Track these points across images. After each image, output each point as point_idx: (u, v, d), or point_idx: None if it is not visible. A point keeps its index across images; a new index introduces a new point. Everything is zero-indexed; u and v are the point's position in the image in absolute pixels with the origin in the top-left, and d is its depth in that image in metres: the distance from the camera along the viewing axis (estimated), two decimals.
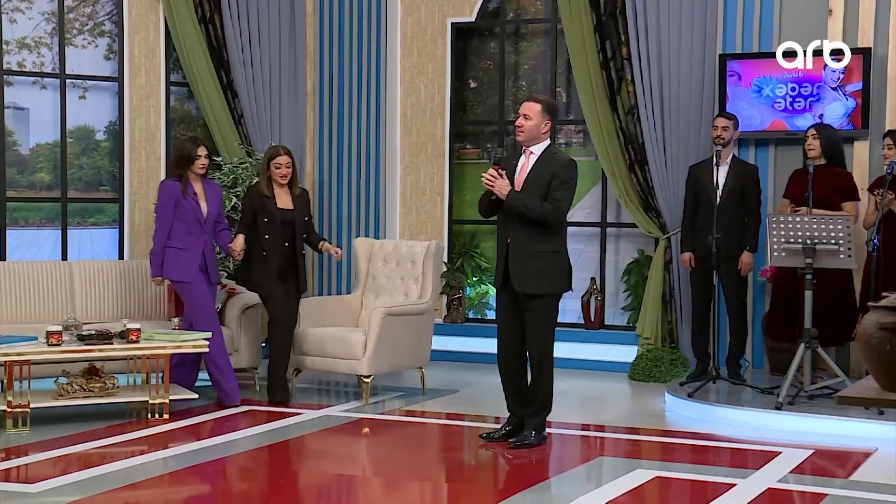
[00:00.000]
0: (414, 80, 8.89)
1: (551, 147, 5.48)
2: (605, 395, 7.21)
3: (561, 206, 5.33)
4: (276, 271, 6.60)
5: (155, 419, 6.11)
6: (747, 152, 7.73)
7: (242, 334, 7.03)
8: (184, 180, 6.47)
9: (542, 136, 5.44)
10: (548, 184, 5.35)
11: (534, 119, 5.42)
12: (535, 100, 5.47)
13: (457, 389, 7.26)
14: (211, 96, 8.25)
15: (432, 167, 8.87)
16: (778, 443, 5.68)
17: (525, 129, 5.43)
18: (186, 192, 6.43)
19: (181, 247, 6.43)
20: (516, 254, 5.41)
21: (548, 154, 5.43)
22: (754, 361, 7.68)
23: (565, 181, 5.36)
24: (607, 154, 7.93)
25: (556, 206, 5.32)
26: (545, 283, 5.38)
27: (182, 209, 6.41)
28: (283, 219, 6.63)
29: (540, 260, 5.37)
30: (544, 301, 5.40)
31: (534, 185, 5.39)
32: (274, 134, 8.55)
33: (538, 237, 5.37)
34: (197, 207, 6.45)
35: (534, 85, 8.82)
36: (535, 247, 5.38)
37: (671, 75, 7.70)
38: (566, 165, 5.40)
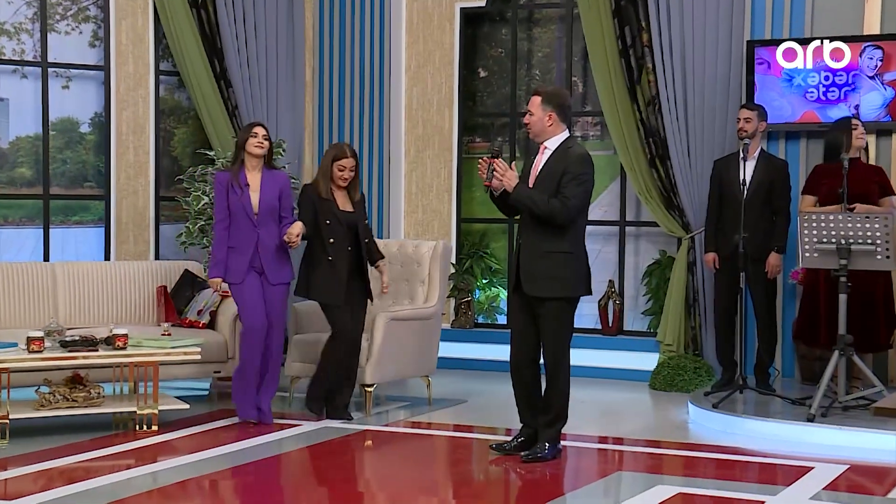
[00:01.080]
0: (420, 70, 8.87)
1: (568, 141, 5.46)
2: (624, 405, 7.19)
3: (569, 203, 5.29)
4: (342, 278, 6.34)
5: (143, 431, 6.11)
6: (777, 146, 7.70)
7: (236, 340, 7.01)
8: (235, 168, 6.19)
9: (551, 129, 5.44)
10: (559, 179, 5.35)
11: (536, 113, 5.43)
12: (536, 92, 5.49)
13: (465, 399, 7.26)
14: (203, 86, 8.25)
15: (439, 162, 8.85)
16: (810, 457, 5.66)
17: (530, 124, 5.47)
18: (237, 182, 6.14)
19: (232, 244, 6.18)
20: (526, 254, 5.43)
21: (562, 148, 5.43)
22: (784, 370, 7.66)
23: (577, 177, 5.33)
24: (626, 148, 7.91)
25: (563, 204, 5.29)
26: (555, 286, 5.37)
27: (232, 202, 6.15)
28: (348, 222, 6.39)
29: (550, 261, 5.37)
30: (556, 305, 5.40)
31: (546, 181, 5.40)
32: (271, 126, 8.54)
33: (548, 237, 5.37)
34: (246, 200, 6.13)
35: (548, 74, 8.80)
36: (545, 247, 5.38)
37: (695, 63, 7.68)
38: (579, 160, 5.37)
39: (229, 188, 6.14)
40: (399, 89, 8.87)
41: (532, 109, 5.44)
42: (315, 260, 6.37)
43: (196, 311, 7.17)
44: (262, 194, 6.17)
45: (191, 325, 7.14)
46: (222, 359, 6.97)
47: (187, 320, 7.17)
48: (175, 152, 8.64)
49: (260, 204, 6.16)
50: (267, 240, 6.18)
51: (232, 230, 6.17)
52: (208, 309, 7.14)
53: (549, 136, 5.45)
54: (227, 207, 6.15)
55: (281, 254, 6.26)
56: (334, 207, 6.37)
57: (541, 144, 5.50)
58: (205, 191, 7.73)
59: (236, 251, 6.17)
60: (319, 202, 6.36)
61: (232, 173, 6.17)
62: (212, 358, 6.89)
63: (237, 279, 6.16)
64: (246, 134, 6.19)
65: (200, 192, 7.73)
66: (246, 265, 6.14)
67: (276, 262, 6.22)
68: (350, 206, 6.43)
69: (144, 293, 7.42)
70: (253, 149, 6.18)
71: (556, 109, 5.42)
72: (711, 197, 7.21)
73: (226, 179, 6.16)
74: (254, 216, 6.14)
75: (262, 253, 6.17)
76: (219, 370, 7.00)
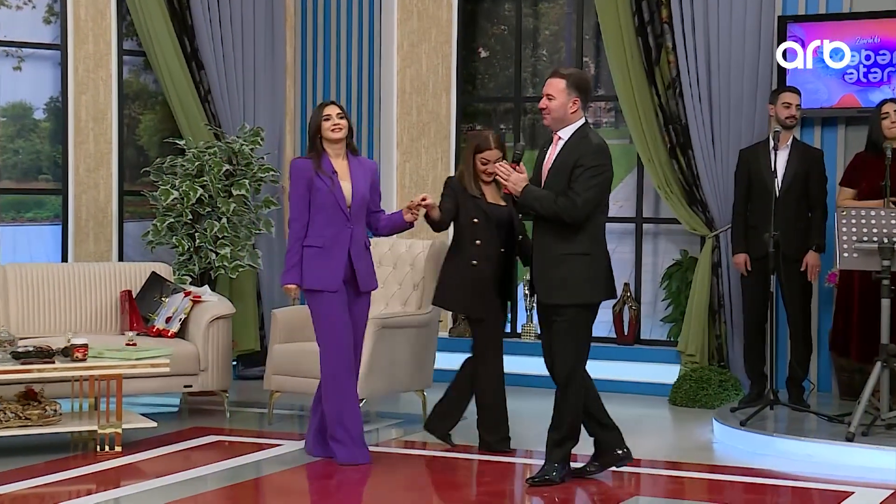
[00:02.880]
0: (414, 49, 8.86)
1: (582, 129, 5.44)
2: (642, 422, 7.18)
3: (578, 200, 5.27)
4: (490, 287, 6.07)
5: (105, 452, 6.09)
6: (812, 134, 7.70)
7: (210, 350, 7.01)
8: (315, 155, 5.82)
9: (572, 116, 5.41)
10: (570, 174, 5.34)
11: (558, 98, 5.39)
12: (559, 75, 5.44)
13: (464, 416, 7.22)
14: (172, 68, 8.24)
15: (435, 152, 8.84)
16: (849, 481, 5.65)
17: (549, 110, 5.41)
18: (321, 169, 5.76)
19: (318, 244, 5.76)
20: (539, 259, 5.45)
21: (576, 138, 5.41)
22: (820, 383, 7.65)
23: (589, 169, 5.30)
24: (644, 136, 7.90)
25: (572, 201, 5.28)
26: (566, 292, 5.37)
27: (317, 193, 5.72)
28: (499, 219, 6.10)
29: (564, 265, 5.37)
30: (569, 312, 5.39)
31: (558, 175, 5.39)
32: (247, 112, 8.54)
33: (562, 238, 5.37)
34: (337, 190, 5.73)
35: (556, 54, 8.78)
36: (559, 249, 5.38)
37: (720, 42, 7.68)
38: (593, 151, 5.35)
39: (313, 178, 5.73)
40: (390, 71, 8.86)
41: (553, 93, 5.39)
42: (457, 264, 6.11)
43: (164, 318, 7.16)
44: (353, 184, 5.77)
45: (159, 333, 7.12)
46: (193, 371, 6.96)
47: (155, 329, 7.15)
48: (141, 141, 8.62)
49: (353, 195, 5.77)
50: (359, 238, 5.81)
51: (315, 227, 5.75)
52: (178, 316, 7.13)
53: (566, 125, 5.43)
54: (307, 201, 5.74)
55: (369, 256, 5.91)
56: (483, 203, 6.08)
57: (554, 134, 5.49)
58: (174, 184, 7.73)
59: (325, 253, 5.74)
60: (464, 197, 6.08)
61: (313, 161, 5.77)
62: (182, 370, 6.88)
63: (333, 286, 5.73)
64: (318, 117, 5.80)
65: (169, 186, 7.73)
66: (341, 270, 5.74)
67: (368, 267, 5.86)
68: (501, 198, 6.12)
69: (106, 298, 7.40)
70: (330, 133, 5.77)
71: (581, 95, 5.40)
72: (739, 191, 7.19)
73: (307, 167, 5.75)
74: (347, 209, 5.75)
75: (354, 256, 5.77)
76: (190, 384, 6.99)
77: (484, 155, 6.08)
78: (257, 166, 8.04)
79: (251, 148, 8.01)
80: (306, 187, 5.75)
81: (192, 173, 7.84)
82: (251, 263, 7.95)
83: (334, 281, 5.74)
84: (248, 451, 6.17)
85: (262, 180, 8.10)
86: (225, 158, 7.96)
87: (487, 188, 6.15)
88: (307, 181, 5.75)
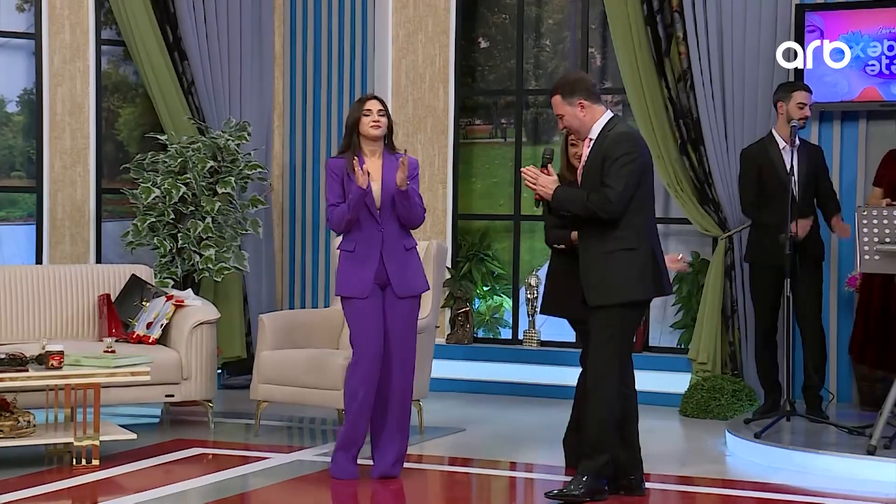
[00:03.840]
0: (410, 39, 8.86)
1: (609, 123, 5.48)
2: (651, 434, 7.16)
3: (610, 193, 5.29)
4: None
5: (81, 466, 6.07)
6: (830, 129, 7.72)
7: (193, 358, 7.01)
8: (350, 155, 5.77)
9: (590, 117, 5.47)
10: (601, 170, 5.38)
11: (565, 112, 5.47)
12: (553, 91, 5.53)
13: (463, 428, 7.25)
14: (153, 58, 8.24)
15: (432, 148, 8.84)
16: (870, 497, 5.64)
17: (568, 126, 5.52)
18: (354, 169, 5.68)
19: (349, 248, 5.76)
20: (582, 261, 5.47)
21: (602, 136, 5.47)
22: (840, 393, 7.66)
23: (617, 160, 5.33)
24: (653, 131, 7.91)
25: (604, 196, 5.30)
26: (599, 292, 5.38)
27: (349, 192, 5.70)
28: None
29: (604, 264, 5.37)
30: (605, 313, 5.38)
31: (590, 174, 5.44)
32: (233, 106, 8.54)
33: (603, 234, 5.37)
34: (366, 192, 5.70)
35: (560, 45, 8.78)
36: (599, 247, 5.38)
37: (734, 31, 7.68)
38: (617, 140, 5.38)
39: (345, 179, 5.72)
40: (385, 62, 8.86)
41: (559, 111, 5.47)
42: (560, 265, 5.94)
43: (145, 323, 7.15)
44: (384, 184, 5.74)
45: (139, 340, 7.11)
46: (176, 380, 6.95)
47: (135, 334, 7.15)
48: (120, 136, 8.62)
49: (382, 196, 5.73)
50: (392, 241, 5.77)
51: (353, 230, 5.75)
52: (160, 321, 7.12)
53: (592, 125, 5.47)
54: (342, 196, 5.73)
55: (409, 258, 5.84)
56: None
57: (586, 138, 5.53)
58: (155, 181, 7.72)
59: (355, 257, 5.75)
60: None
61: (347, 160, 5.74)
62: (164, 379, 6.87)
63: (362, 292, 5.72)
64: (357, 112, 5.77)
65: (150, 184, 7.73)
66: (372, 276, 5.71)
67: (404, 269, 5.80)
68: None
69: (84, 302, 7.38)
70: (369, 130, 5.75)
71: (581, 95, 5.44)
72: (749, 192, 7.08)
73: (340, 168, 5.75)
74: (376, 212, 5.73)
75: (386, 259, 5.75)
76: (172, 394, 6.97)
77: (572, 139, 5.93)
78: (244, 163, 8.03)
79: (237, 143, 8.01)
80: (339, 187, 5.75)
81: (175, 170, 7.83)
82: (237, 266, 7.94)
83: (363, 286, 5.72)
84: (234, 465, 6.16)
85: (249, 178, 8.09)
86: (209, 154, 7.94)
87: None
88: (340, 181, 5.75)
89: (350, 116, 5.81)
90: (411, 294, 5.81)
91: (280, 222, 9.10)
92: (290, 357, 6.82)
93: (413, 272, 5.82)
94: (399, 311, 5.79)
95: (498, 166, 8.95)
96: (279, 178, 9.05)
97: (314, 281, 8.93)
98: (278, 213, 9.07)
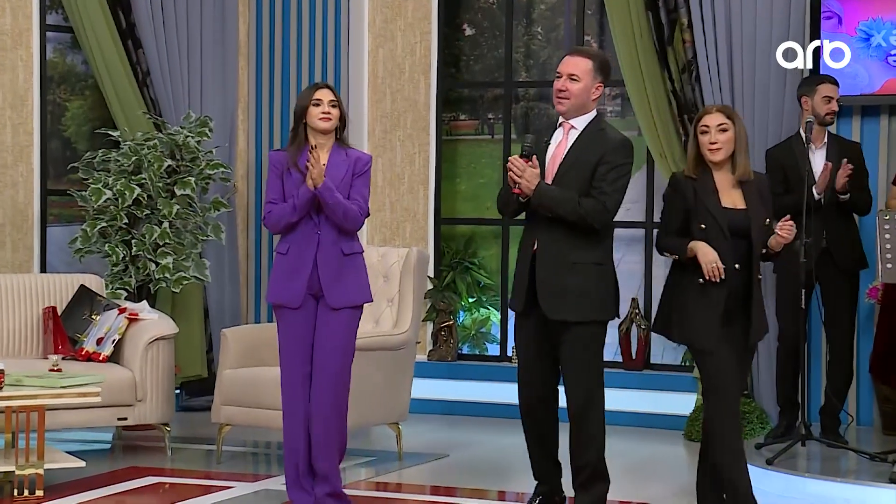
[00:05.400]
0: (388, 26, 8.86)
1: (598, 120, 5.53)
2: (654, 460, 7.18)
3: (608, 201, 5.35)
4: (719, 312, 5.33)
5: (24, 497, 6.04)
6: (849, 125, 7.73)
7: (149, 377, 6.99)
8: (293, 149, 5.69)
9: (592, 104, 5.50)
10: (592, 171, 5.38)
11: (583, 80, 5.44)
12: (584, 54, 5.54)
13: (446, 454, 7.25)
14: (105, 46, 8.22)
15: (412, 146, 8.83)
16: None
17: (571, 94, 5.45)
18: (295, 165, 5.64)
19: (282, 251, 5.68)
20: (548, 266, 5.44)
21: (594, 130, 5.48)
22: (859, 416, 7.66)
23: (616, 168, 5.38)
24: (654, 127, 7.92)
25: (601, 203, 5.34)
26: (587, 306, 5.41)
27: (288, 189, 5.64)
28: (732, 224, 5.34)
29: (580, 275, 5.40)
30: (587, 330, 5.42)
31: (573, 172, 5.42)
32: (193, 99, 8.54)
33: (578, 244, 5.40)
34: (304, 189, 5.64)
35: (553, 32, 8.79)
36: (573, 256, 5.40)
37: (743, 17, 7.69)
38: (620, 147, 5.42)
39: (285, 174, 5.68)
40: (360, 51, 8.86)
41: (579, 74, 5.43)
42: (679, 282, 5.47)
43: (95, 339, 7.13)
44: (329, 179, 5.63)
45: (88, 357, 7.10)
46: (129, 401, 6.94)
47: (84, 351, 7.12)
48: (68, 132, 8.60)
49: None
50: (328, 246, 5.67)
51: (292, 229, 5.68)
52: (111, 337, 7.10)
53: (584, 113, 5.49)
54: (282, 191, 5.66)
55: (348, 265, 5.71)
56: (713, 203, 5.34)
57: (564, 123, 5.52)
58: (107, 182, 7.70)
59: (288, 261, 5.67)
60: (693, 193, 5.38)
61: (290, 154, 5.68)
62: (116, 400, 6.86)
63: (292, 301, 5.66)
64: (305, 101, 5.68)
65: (101, 185, 7.71)
66: (303, 284, 5.65)
67: (340, 277, 5.69)
68: (741, 197, 5.37)
69: (26, 316, 7.37)
70: (317, 122, 5.66)
71: (605, 81, 5.50)
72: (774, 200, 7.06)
73: (281, 162, 5.69)
74: (314, 214, 5.65)
75: (321, 265, 5.65)
76: (125, 417, 6.96)
77: (705, 121, 5.38)
78: (205, 162, 8.03)
79: (198, 140, 8.00)
80: (279, 182, 5.69)
81: (129, 170, 7.81)
82: (197, 275, 7.92)
83: (293, 295, 5.67)
84: (194, 495, 6.13)
85: (211, 178, 8.08)
86: (167, 153, 7.92)
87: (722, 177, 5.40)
88: (279, 175, 5.69)
89: (298, 105, 5.74)
90: (347, 305, 5.69)
91: (245, 227, 9.07)
92: (256, 376, 6.80)
93: (352, 280, 5.71)
94: (331, 326, 5.67)
95: (485, 165, 8.95)
96: (244, 178, 9.03)
97: None
98: (243, 218, 9.05)
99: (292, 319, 5.69)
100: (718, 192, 5.33)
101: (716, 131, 5.29)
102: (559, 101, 5.47)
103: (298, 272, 5.66)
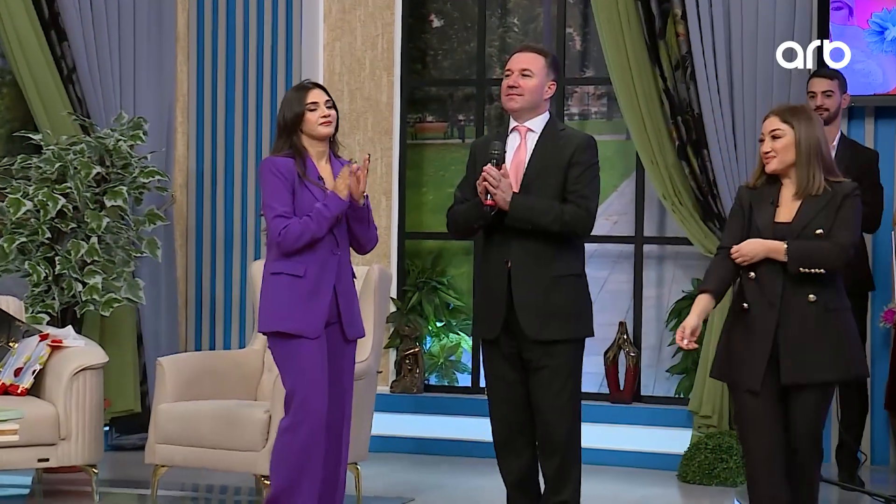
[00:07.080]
0: (346, 16, 8.87)
1: (555, 121, 5.70)
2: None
3: (591, 205, 5.50)
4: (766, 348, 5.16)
5: None
6: (861, 127, 7.80)
7: (74, 412, 6.93)
8: (297, 155, 5.63)
9: (544, 104, 5.65)
10: (564, 175, 5.48)
11: (537, 77, 5.57)
12: (537, 50, 5.66)
13: (412, 497, 7.26)
14: (25, 38, 8.22)
15: (374, 151, 8.82)
16: None
17: (524, 90, 5.55)
18: (307, 176, 5.59)
19: (299, 273, 5.59)
20: (526, 283, 5.48)
21: (554, 131, 5.61)
22: (874, 454, 7.70)
23: (589, 168, 5.52)
24: (645, 131, 7.94)
25: (584, 209, 5.47)
26: (570, 324, 5.51)
27: (300, 206, 5.57)
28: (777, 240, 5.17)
29: (562, 289, 5.49)
30: (569, 350, 5.52)
31: (541, 179, 5.50)
32: (126, 98, 8.54)
33: (557, 255, 5.48)
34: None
35: (531, 24, 8.80)
36: (554, 270, 5.47)
37: (744, 8, 7.72)
38: (587, 146, 5.56)
39: (296, 184, 5.58)
40: (315, 45, 8.88)
41: (533, 69, 5.55)
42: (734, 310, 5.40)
43: (13, 369, 7.10)
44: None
45: (5, 390, 7.05)
46: (52, 440, 6.88)
47: (0, 384, 7.03)
48: None
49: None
50: (345, 269, 5.71)
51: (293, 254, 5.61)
52: (31, 367, 7.07)
53: (535, 115, 5.61)
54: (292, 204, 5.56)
55: (355, 292, 5.82)
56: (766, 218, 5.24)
57: (517, 125, 5.62)
58: (27, 192, 7.68)
59: (305, 286, 5.59)
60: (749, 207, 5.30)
61: (297, 163, 5.60)
62: (36, 439, 6.80)
63: (313, 331, 5.58)
64: (299, 106, 5.62)
65: (20, 195, 7.69)
66: (324, 311, 5.61)
67: (353, 305, 5.76)
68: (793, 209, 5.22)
69: None
70: (319, 128, 5.63)
71: (557, 81, 5.65)
72: None
73: (290, 170, 5.58)
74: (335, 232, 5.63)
75: (340, 291, 5.66)
76: (46, 457, 6.90)
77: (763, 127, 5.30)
78: (138, 169, 8.00)
79: (130, 145, 7.97)
80: (289, 193, 5.57)
81: (52, 178, 7.79)
82: (130, 297, 7.89)
83: (314, 324, 5.60)
84: None
85: (145, 187, 8.07)
86: (95, 159, 7.90)
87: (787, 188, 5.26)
88: (290, 186, 5.58)
89: (289, 111, 5.65)
90: (358, 337, 5.80)
91: (184, 243, 9.02)
92: (196, 410, 6.79)
93: (358, 310, 5.81)
94: (346, 359, 5.76)
95: (454, 173, 8.90)
96: (183, 187, 8.98)
97: (227, 316, 8.89)
98: (181, 232, 9.00)
99: (310, 352, 5.60)
100: (778, 205, 5.22)
101: (769, 138, 5.21)
102: (511, 97, 5.57)
103: (318, 297, 5.62)
